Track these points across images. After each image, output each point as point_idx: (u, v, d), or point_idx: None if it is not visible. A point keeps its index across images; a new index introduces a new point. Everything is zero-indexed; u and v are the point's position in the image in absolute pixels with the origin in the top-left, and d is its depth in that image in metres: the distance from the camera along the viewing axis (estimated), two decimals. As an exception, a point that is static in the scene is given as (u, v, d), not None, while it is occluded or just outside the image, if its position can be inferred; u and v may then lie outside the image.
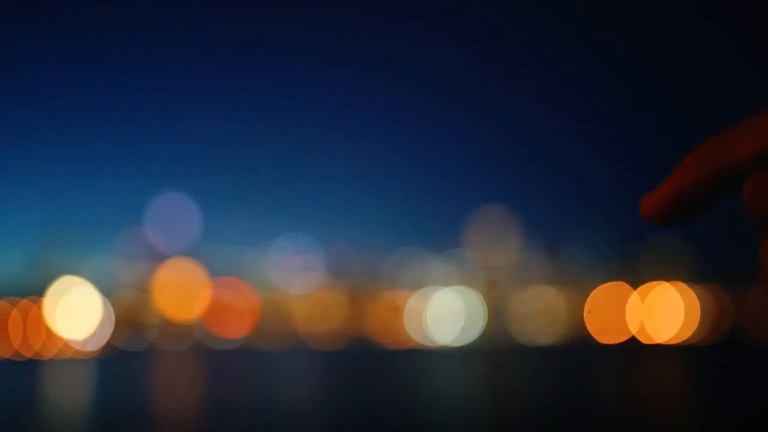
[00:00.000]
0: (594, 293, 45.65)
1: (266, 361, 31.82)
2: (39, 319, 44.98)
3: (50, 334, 44.93)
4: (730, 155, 0.26)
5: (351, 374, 21.86)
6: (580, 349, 37.38)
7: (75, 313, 45.90)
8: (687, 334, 42.89)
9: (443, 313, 47.64)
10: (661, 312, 44.07)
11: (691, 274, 45.63)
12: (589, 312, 45.46)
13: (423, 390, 16.00)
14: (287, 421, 9.90)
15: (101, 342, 44.59)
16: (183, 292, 49.22)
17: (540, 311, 46.72)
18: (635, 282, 45.10)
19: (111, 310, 46.50)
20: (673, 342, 42.20)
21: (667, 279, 45.13)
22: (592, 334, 43.69)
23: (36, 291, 47.28)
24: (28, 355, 42.91)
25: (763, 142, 0.26)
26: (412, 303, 48.09)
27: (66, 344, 44.47)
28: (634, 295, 44.38)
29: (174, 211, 53.79)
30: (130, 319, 47.17)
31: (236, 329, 48.60)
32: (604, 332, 43.31)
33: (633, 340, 42.52)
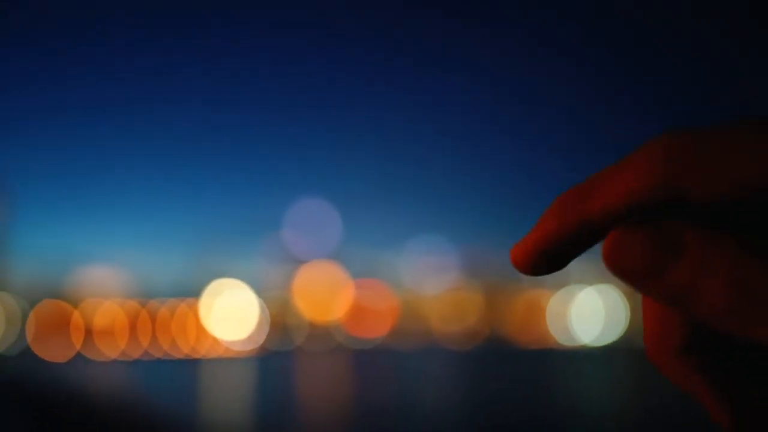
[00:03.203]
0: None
1: (403, 361, 32.28)
2: (195, 320, 48.07)
3: (205, 335, 47.89)
4: (589, 207, 0.25)
5: (489, 374, 21.79)
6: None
7: (232, 314, 48.34)
8: None
9: (586, 312, 46.28)
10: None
11: None
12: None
13: (564, 391, 15.70)
14: (423, 421, 10.09)
15: (256, 343, 46.70)
16: (324, 294, 50.90)
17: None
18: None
19: (267, 312, 48.69)
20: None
21: None
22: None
23: (193, 293, 50.47)
24: (183, 354, 45.90)
25: (620, 196, 0.24)
26: (554, 301, 47.07)
27: (220, 344, 47.17)
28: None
29: (314, 215, 55.93)
30: (277, 320, 49.31)
31: (375, 330, 49.66)
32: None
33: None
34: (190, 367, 32.02)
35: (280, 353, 42.97)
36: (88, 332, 47.09)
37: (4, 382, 17.93)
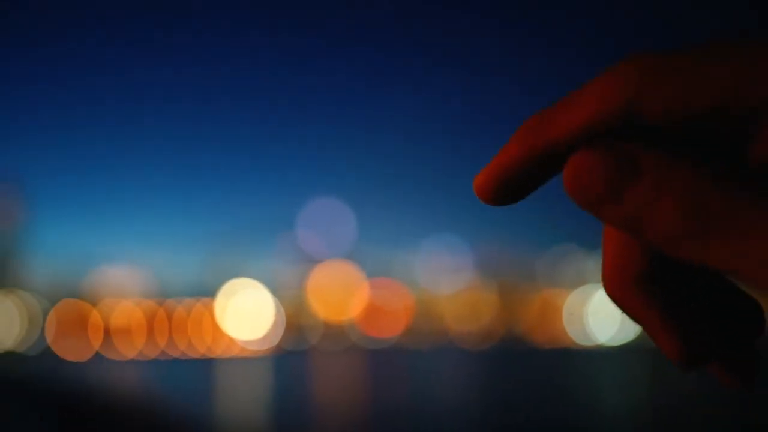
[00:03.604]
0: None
1: (418, 361, 32.28)
2: (211, 320, 48.39)
3: (221, 334, 48.20)
4: (552, 131, 0.24)
5: (504, 374, 21.78)
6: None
7: (248, 314, 48.56)
8: None
9: (602, 311, 46.09)
10: None
11: None
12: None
13: (580, 391, 15.68)
14: (438, 421, 10.14)
15: (271, 342, 47.05)
16: (339, 293, 51.06)
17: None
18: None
19: (282, 311, 48.90)
20: None
21: None
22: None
23: (209, 292, 50.79)
24: (199, 354, 46.23)
25: (581, 119, 0.24)
26: (570, 301, 46.89)
27: (236, 344, 47.47)
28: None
29: (329, 215, 56.13)
30: (292, 320, 49.51)
31: (389, 329, 49.76)
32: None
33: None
34: (206, 366, 32.24)
35: (294, 353, 43.14)
36: (107, 332, 47.54)
37: (25, 381, 18.21)
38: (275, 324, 48.03)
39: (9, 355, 38.77)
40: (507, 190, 0.25)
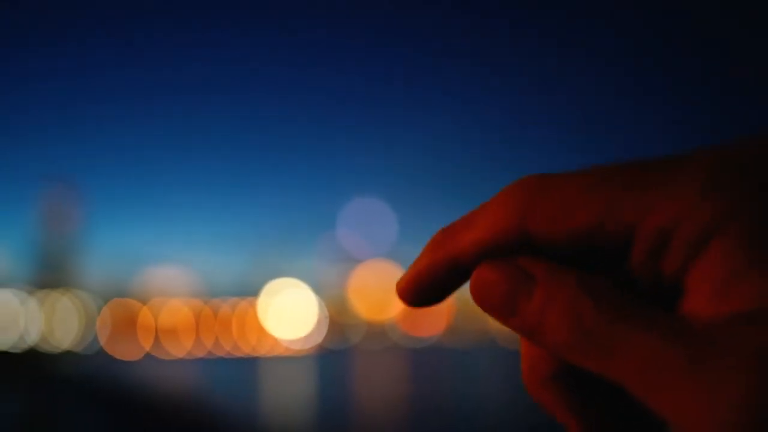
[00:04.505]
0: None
1: (459, 359, 32.38)
2: (255, 319, 49.27)
3: (264, 333, 49.04)
4: (455, 246, 0.26)
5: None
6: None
7: (291, 313, 49.18)
8: None
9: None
10: None
11: None
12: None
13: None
14: (478, 419, 10.34)
15: (314, 341, 47.65)
16: (380, 293, 51.43)
17: None
18: None
19: (325, 310, 49.36)
20: None
21: None
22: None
23: (253, 292, 51.66)
24: (244, 353, 46.99)
25: (480, 236, 0.26)
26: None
27: (279, 343, 48.24)
28: None
29: (370, 215, 56.57)
30: (334, 319, 50.02)
31: (430, 328, 49.96)
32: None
33: None
34: (250, 365, 32.90)
35: (336, 352, 43.57)
36: (156, 331, 48.81)
37: (83, 379, 19.00)
38: (318, 323, 48.62)
39: (67, 355, 40.02)
40: (422, 296, 0.28)
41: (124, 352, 44.10)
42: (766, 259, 0.21)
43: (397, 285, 0.28)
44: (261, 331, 49.10)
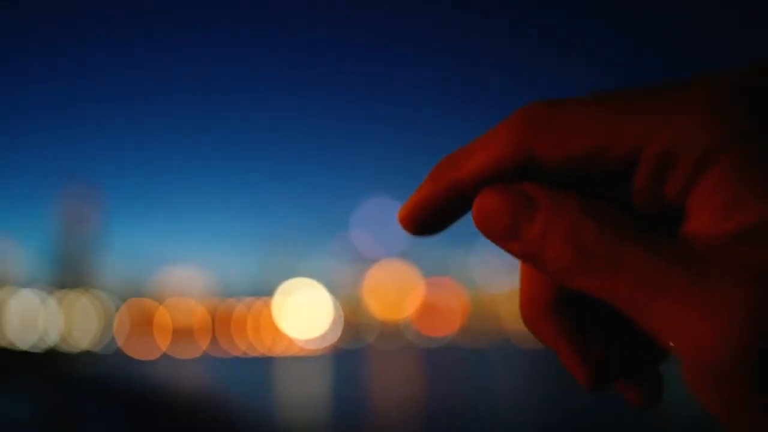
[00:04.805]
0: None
1: (473, 359, 32.34)
2: (270, 319, 49.48)
3: (279, 333, 49.24)
4: (459, 172, 0.27)
5: (563, 373, 21.74)
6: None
7: (306, 312, 49.30)
8: None
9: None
10: None
11: None
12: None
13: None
14: (493, 420, 10.36)
15: (329, 341, 47.79)
16: (394, 292, 51.49)
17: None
18: None
19: (340, 311, 49.45)
20: None
21: None
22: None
23: (267, 292, 51.88)
24: (259, 352, 47.15)
25: (484, 161, 0.26)
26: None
27: (294, 343, 48.39)
28: None
29: (384, 214, 56.66)
30: (349, 319, 50.14)
31: (445, 328, 49.95)
32: None
33: None
34: (266, 365, 33.07)
35: (351, 351, 43.67)
36: (172, 330, 49.17)
37: (101, 379, 19.22)
38: (333, 323, 48.74)
39: (86, 354, 40.39)
40: (425, 223, 0.28)
41: (141, 351, 44.46)
42: (765, 182, 0.22)
43: (399, 213, 0.28)
44: (276, 330, 49.29)
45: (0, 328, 41.12)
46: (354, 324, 50.23)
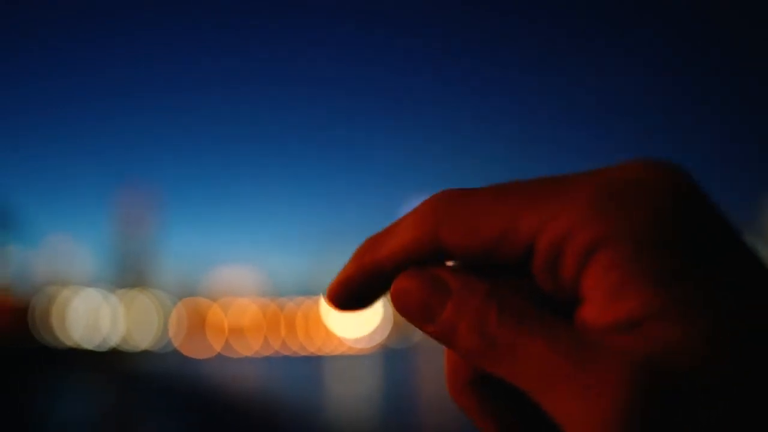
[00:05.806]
0: None
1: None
2: (319, 318, 50.28)
3: (328, 332, 49.94)
4: (378, 254, 0.28)
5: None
6: None
7: (355, 312, 50.05)
8: None
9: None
10: None
11: None
12: None
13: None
14: None
15: (378, 340, 48.43)
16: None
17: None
18: None
19: (389, 310, 49.88)
20: None
21: None
22: None
23: (318, 291, 52.79)
24: (310, 351, 47.93)
25: (399, 246, 0.28)
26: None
27: (343, 342, 49.05)
28: None
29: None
30: (397, 317, 50.57)
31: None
32: None
33: None
34: (316, 363, 33.65)
35: (399, 350, 44.09)
36: (226, 329, 50.39)
37: (161, 377, 20.01)
38: (381, 322, 49.29)
39: (145, 353, 41.51)
40: (349, 301, 0.30)
41: (197, 350, 45.68)
42: (648, 271, 0.23)
43: (326, 289, 0.30)
44: (325, 330, 49.98)
45: (66, 327, 42.83)
46: (402, 323, 50.50)
